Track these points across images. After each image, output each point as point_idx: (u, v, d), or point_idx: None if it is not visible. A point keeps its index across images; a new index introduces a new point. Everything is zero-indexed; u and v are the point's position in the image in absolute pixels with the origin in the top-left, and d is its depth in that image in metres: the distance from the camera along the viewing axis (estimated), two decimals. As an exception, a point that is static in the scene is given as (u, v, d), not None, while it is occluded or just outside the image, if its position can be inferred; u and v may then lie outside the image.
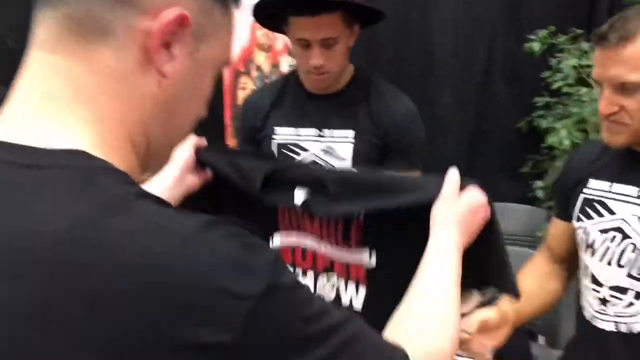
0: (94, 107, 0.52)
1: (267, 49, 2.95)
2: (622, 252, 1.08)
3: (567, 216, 1.21)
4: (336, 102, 1.53)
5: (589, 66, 2.25)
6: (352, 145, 1.52)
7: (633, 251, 1.07)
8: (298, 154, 1.55)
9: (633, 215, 1.07)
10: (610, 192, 1.11)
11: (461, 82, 2.81)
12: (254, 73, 2.99)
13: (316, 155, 1.54)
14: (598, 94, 1.07)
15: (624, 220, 1.08)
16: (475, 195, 0.81)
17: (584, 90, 2.37)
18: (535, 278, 1.24)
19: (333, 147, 1.54)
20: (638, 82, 0.98)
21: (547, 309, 1.26)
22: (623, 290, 1.09)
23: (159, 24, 0.52)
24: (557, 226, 1.27)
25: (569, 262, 1.26)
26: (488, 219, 0.82)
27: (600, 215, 1.12)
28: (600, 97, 1.04)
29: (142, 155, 0.57)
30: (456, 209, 0.79)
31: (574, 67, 2.41)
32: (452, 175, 0.82)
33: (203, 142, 0.99)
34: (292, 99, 1.57)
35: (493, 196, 0.83)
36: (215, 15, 0.58)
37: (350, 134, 1.52)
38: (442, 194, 0.81)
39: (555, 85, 2.51)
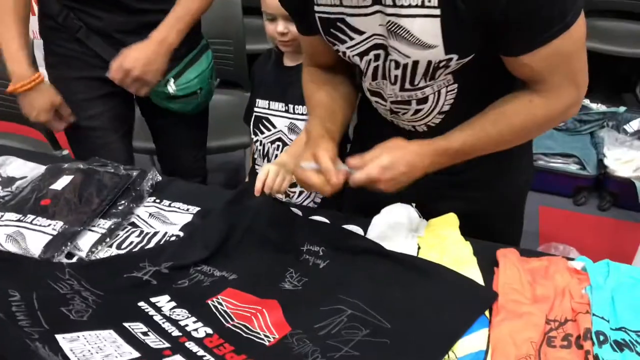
0: None
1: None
2: (389, 69, 0.97)
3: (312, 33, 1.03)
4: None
5: None
6: None
7: (397, 68, 0.95)
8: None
9: (380, 25, 0.91)
10: (342, 5, 0.92)
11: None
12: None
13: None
14: None
15: (375, 35, 0.93)
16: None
17: None
18: (324, 91, 1.10)
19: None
20: None
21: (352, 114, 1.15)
22: (406, 102, 1.02)
23: None
24: (310, 42, 1.08)
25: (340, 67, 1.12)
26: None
27: (350, 38, 0.96)
28: None
29: None
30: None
31: None
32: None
33: None
34: None
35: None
36: None
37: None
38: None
39: None
